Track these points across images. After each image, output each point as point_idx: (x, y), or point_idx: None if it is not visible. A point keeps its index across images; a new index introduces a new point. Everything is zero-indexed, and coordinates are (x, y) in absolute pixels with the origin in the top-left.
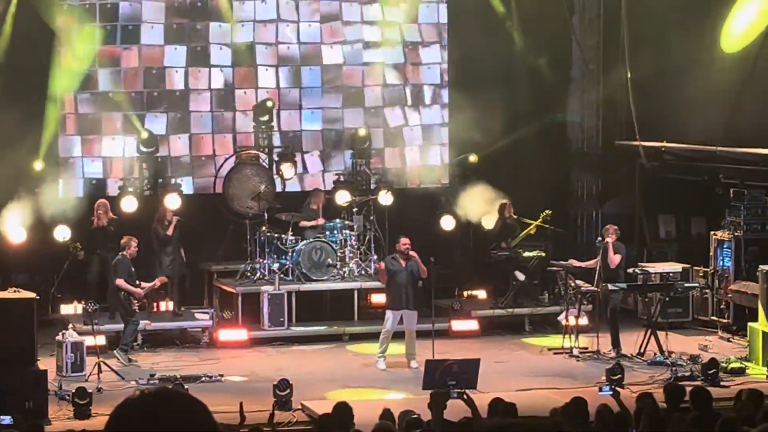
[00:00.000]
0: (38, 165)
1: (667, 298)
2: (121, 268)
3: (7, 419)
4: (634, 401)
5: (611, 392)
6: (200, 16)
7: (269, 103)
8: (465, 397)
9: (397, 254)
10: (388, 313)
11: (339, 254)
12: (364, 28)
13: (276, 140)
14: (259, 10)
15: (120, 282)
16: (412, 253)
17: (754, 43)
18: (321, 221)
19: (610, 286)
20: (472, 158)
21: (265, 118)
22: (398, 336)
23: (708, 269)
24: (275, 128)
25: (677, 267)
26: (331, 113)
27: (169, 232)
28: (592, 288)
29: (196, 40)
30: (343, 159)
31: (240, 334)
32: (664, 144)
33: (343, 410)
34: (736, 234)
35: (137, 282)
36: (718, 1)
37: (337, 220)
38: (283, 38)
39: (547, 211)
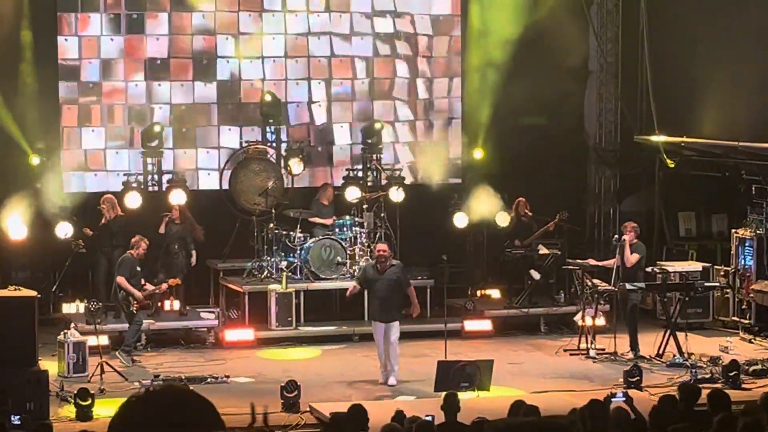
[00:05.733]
0: (35, 159)
1: (686, 298)
2: (124, 266)
3: (16, 418)
4: (654, 403)
5: (624, 399)
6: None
7: (267, 97)
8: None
9: (377, 262)
10: (372, 324)
11: (349, 252)
12: (375, 19)
13: (284, 134)
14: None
15: (120, 280)
16: (411, 290)
17: None
18: (329, 221)
19: (629, 286)
20: (478, 154)
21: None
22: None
23: (729, 268)
24: (283, 122)
25: (697, 266)
26: (341, 106)
27: (161, 230)
28: (610, 287)
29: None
30: (351, 154)
31: (247, 334)
32: (685, 139)
33: (358, 412)
34: (758, 232)
35: (142, 282)
36: None
37: (347, 217)
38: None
39: (562, 213)
